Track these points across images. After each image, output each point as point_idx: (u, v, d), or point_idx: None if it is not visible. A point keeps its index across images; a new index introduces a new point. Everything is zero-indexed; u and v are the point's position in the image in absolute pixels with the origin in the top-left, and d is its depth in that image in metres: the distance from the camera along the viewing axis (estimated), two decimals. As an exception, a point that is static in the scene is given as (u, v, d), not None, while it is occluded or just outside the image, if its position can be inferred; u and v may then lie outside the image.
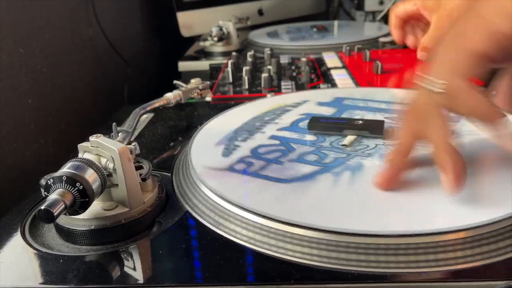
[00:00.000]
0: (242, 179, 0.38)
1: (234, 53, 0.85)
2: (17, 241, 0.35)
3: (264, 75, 0.68)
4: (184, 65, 0.93)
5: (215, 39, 0.94)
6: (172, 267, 0.31)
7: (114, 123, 0.40)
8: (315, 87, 0.67)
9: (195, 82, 0.57)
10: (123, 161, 0.33)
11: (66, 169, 0.32)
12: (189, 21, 1.07)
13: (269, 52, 0.82)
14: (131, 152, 0.35)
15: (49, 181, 0.31)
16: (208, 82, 0.58)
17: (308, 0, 1.29)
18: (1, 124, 0.54)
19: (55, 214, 0.29)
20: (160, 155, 0.48)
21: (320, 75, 0.73)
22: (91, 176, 0.32)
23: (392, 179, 0.34)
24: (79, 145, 0.35)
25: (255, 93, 0.66)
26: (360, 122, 0.45)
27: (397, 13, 0.69)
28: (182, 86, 0.55)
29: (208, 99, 0.62)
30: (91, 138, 0.35)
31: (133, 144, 0.36)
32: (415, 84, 0.35)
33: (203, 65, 0.91)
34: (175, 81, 0.56)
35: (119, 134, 0.40)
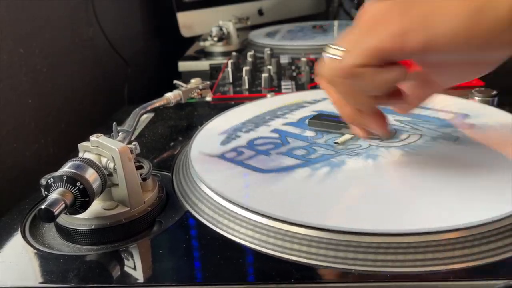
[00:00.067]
0: (227, 166, 0.39)
1: (234, 53, 0.85)
2: (17, 241, 0.35)
3: (264, 75, 0.68)
4: (184, 65, 0.92)
5: (215, 39, 0.94)
6: (172, 267, 0.31)
7: (114, 123, 0.40)
8: (315, 87, 0.67)
9: (195, 82, 0.56)
10: (124, 161, 0.33)
11: (67, 168, 0.32)
12: (189, 21, 1.07)
13: (269, 52, 0.82)
14: (131, 151, 0.35)
15: (49, 180, 0.31)
16: (208, 82, 0.58)
17: (308, 0, 1.29)
18: (1, 124, 0.54)
19: (55, 213, 0.29)
20: (160, 155, 0.48)
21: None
22: (91, 176, 0.32)
23: (383, 127, 0.36)
24: (79, 145, 0.35)
25: (255, 93, 0.66)
26: None
27: None
28: (182, 86, 0.55)
29: (208, 99, 0.62)
30: (92, 138, 0.35)
31: (133, 143, 0.36)
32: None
33: (203, 65, 0.91)
34: (175, 81, 0.56)
35: (119, 133, 0.40)
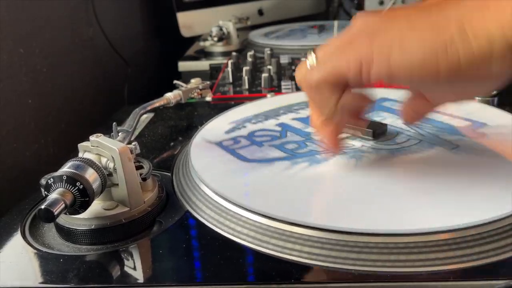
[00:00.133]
0: (219, 152, 0.41)
1: (234, 53, 0.85)
2: (17, 241, 0.35)
3: (264, 75, 0.68)
4: (184, 65, 0.92)
5: (215, 39, 0.94)
6: (172, 267, 0.31)
7: (114, 123, 0.40)
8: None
9: (195, 82, 0.56)
10: (124, 161, 0.33)
11: (67, 168, 0.32)
12: (189, 21, 1.07)
13: (269, 52, 0.82)
14: (131, 151, 0.35)
15: (49, 180, 0.31)
16: (208, 82, 0.58)
17: (308, 0, 1.29)
18: (1, 124, 0.54)
19: (55, 213, 0.29)
20: (160, 155, 0.48)
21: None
22: (91, 176, 0.32)
23: (333, 144, 0.36)
24: (79, 145, 0.35)
25: (255, 93, 0.66)
26: None
27: None
28: (182, 86, 0.55)
29: (208, 99, 0.62)
30: (92, 138, 0.35)
31: (133, 143, 0.36)
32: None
33: (203, 65, 0.91)
34: (175, 81, 0.56)
35: (119, 133, 0.40)
